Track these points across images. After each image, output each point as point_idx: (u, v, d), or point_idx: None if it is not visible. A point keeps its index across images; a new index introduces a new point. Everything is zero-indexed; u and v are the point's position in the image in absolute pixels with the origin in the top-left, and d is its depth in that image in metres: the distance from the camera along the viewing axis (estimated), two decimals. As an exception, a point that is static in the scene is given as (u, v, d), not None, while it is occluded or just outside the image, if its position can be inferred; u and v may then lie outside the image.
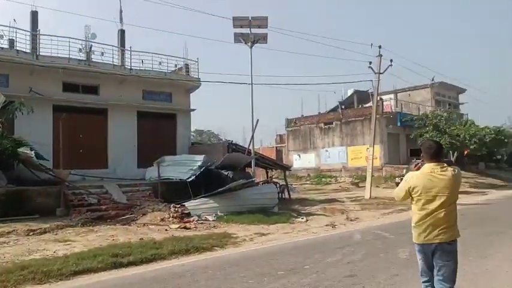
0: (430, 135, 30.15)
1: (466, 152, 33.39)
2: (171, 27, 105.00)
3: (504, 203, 18.21)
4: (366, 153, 27.46)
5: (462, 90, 46.27)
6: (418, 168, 4.25)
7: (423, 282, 4.25)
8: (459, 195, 4.32)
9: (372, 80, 23.90)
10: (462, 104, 47.06)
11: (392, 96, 39.65)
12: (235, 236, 11.01)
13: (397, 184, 24.04)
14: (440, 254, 4.07)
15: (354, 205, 18.37)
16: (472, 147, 30.63)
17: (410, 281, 6.29)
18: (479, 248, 8.66)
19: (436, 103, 41.32)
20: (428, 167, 4.13)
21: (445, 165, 4.17)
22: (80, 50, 19.79)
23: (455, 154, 32.46)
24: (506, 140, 33.97)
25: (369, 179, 21.92)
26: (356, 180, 31.01)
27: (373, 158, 22.96)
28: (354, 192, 24.80)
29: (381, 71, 22.71)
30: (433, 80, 40.95)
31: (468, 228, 11.63)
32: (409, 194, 4.20)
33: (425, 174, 4.11)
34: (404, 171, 22.05)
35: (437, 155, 4.15)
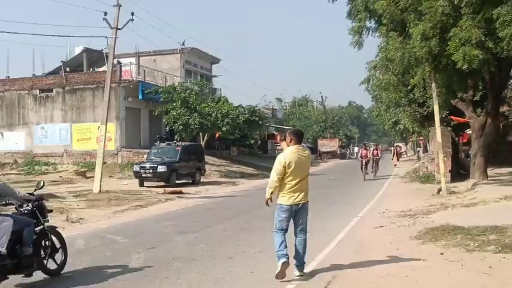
0: (178, 112, 32.02)
1: (217, 135, 36.79)
2: None
3: (253, 194, 20.83)
4: (97, 132, 27.29)
5: (216, 60, 50.63)
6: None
7: (282, 234, 7.16)
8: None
9: (107, 37, 23.82)
10: (216, 76, 51.53)
11: (133, 60, 40.36)
12: None
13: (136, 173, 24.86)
14: (302, 211, 7.25)
15: (78, 202, 18.12)
16: (224, 128, 33.91)
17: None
18: (226, 248, 9.72)
19: (186, 73, 44.02)
20: (295, 148, 7.17)
21: (304, 146, 7.67)
22: None
23: (206, 137, 35.44)
24: (260, 122, 38.91)
25: (99, 167, 21.87)
26: (83, 169, 30.62)
27: (105, 140, 23.00)
28: (80, 185, 24.46)
29: (120, 26, 22.83)
30: (183, 44, 43.47)
31: (217, 225, 12.95)
32: (284, 168, 6.99)
33: (294, 153, 7.10)
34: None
35: (301, 140, 7.47)
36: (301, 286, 6.92)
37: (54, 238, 7.76)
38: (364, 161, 28.93)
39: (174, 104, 32.74)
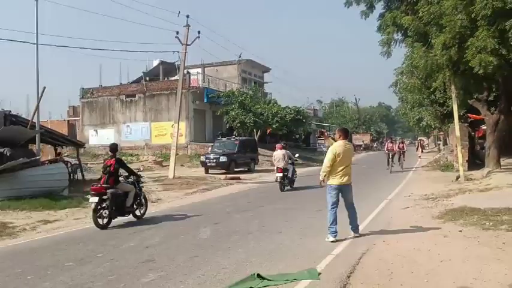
0: (236, 112, 32.33)
1: (268, 131, 36.86)
2: None
3: (299, 180, 20.78)
4: (170, 129, 27.83)
5: (267, 69, 50.66)
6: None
7: (332, 208, 7.88)
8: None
9: (178, 52, 24.20)
10: (267, 82, 51.57)
11: (199, 70, 40.87)
12: (12, 225, 10.15)
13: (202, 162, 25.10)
14: (348, 189, 8.04)
15: (157, 186, 18.55)
16: (274, 126, 33.98)
17: (209, 261, 6.73)
18: (277, 224, 9.76)
19: (242, 80, 44.27)
20: (342, 142, 8.01)
21: (348, 141, 8.27)
22: None
23: (259, 132, 35.58)
24: (304, 120, 38.75)
25: (173, 157, 22.32)
26: (160, 159, 31.27)
27: (178, 135, 23.42)
28: (157, 172, 24.98)
29: (189, 43, 23.15)
30: (240, 56, 43.76)
31: (269, 205, 12.99)
32: (335, 157, 7.76)
33: (342, 146, 7.93)
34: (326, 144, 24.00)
35: (347, 136, 8.27)
36: (339, 257, 6.85)
37: None
38: (390, 154, 25.75)
39: (233, 106, 33.15)
